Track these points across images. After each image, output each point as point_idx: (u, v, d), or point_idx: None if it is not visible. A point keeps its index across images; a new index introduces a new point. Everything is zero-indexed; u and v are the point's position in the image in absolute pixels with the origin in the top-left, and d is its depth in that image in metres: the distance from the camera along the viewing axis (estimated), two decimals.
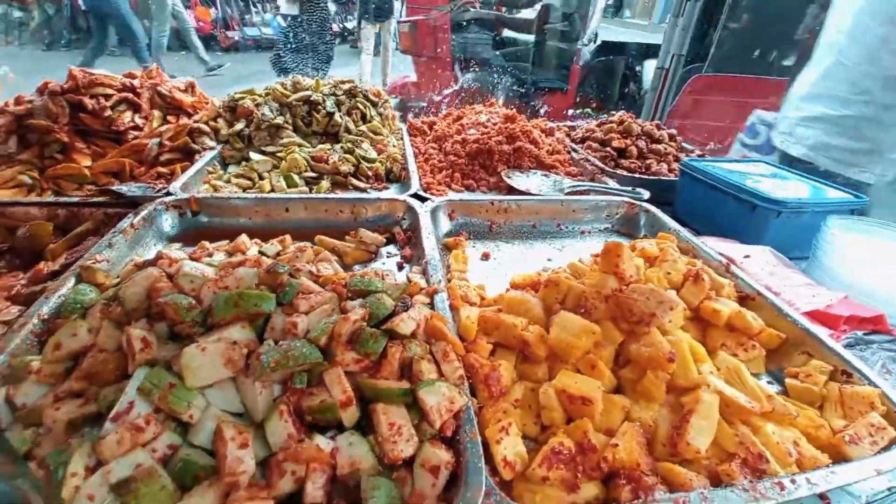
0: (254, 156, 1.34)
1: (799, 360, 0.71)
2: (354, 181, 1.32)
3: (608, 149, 1.49)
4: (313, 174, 1.32)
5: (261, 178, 1.27)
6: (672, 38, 1.81)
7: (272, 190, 1.21)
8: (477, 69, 4.35)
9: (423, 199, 1.11)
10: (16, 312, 0.72)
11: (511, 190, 1.30)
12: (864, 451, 0.55)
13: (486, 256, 1.03)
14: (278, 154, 1.36)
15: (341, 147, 1.41)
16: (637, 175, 1.34)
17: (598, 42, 3.98)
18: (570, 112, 2.08)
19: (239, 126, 1.42)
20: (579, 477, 0.50)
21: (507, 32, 5.06)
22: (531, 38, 4.76)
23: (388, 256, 0.99)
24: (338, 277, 0.70)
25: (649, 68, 3.18)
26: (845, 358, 0.66)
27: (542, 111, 2.02)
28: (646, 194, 1.18)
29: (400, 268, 0.94)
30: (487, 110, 1.66)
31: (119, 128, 1.31)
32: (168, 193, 1.04)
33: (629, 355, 0.62)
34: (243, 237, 0.91)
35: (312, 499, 0.46)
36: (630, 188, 1.23)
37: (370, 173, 1.35)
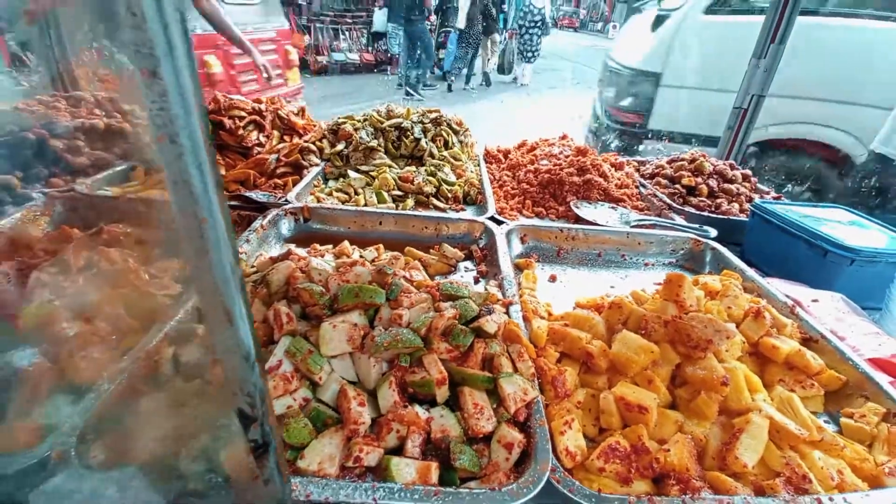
0: (351, 173, 1.54)
1: (857, 402, 0.73)
2: (435, 201, 1.47)
3: (677, 186, 1.54)
4: (400, 192, 1.49)
5: (356, 192, 1.46)
6: (752, 79, 1.82)
7: (366, 204, 1.40)
8: None
9: (498, 222, 1.23)
10: (178, 288, 0.92)
11: (579, 219, 1.39)
12: None
13: (553, 279, 1.12)
14: (371, 173, 1.55)
15: (425, 170, 1.57)
16: (705, 213, 1.38)
17: None
18: (640, 147, 2.12)
19: (339, 147, 1.64)
20: (632, 472, 0.59)
21: None
22: None
23: (465, 270, 1.11)
24: (427, 283, 0.83)
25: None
26: None
27: (612, 145, 2.08)
28: (713, 232, 1.22)
29: (476, 281, 1.06)
30: (560, 143, 1.76)
31: (247, 144, 1.57)
32: (286, 202, 1.24)
33: (684, 376, 0.70)
34: (346, 243, 1.08)
35: (411, 453, 0.58)
36: (697, 226, 1.28)
37: (450, 195, 1.50)
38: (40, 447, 0.56)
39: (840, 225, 1.13)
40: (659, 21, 3.19)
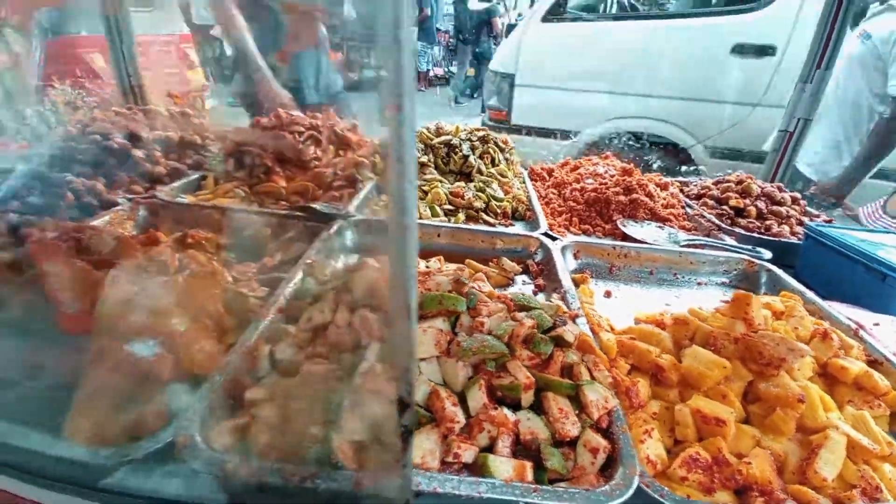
0: None
1: None
2: (485, 216, 1.52)
3: (725, 207, 1.56)
4: (451, 207, 1.55)
5: None
6: (798, 103, 1.84)
7: (420, 217, 1.46)
8: None
9: (551, 238, 1.27)
10: (264, 292, 0.99)
11: (625, 237, 1.42)
12: None
13: (608, 294, 1.15)
14: (423, 187, 1.62)
15: (474, 186, 1.63)
16: (756, 235, 1.39)
17: None
18: (683, 168, 2.15)
19: None
20: (715, 483, 0.61)
21: None
22: None
23: (523, 283, 1.16)
24: (498, 294, 0.88)
25: None
26: None
27: (654, 166, 2.11)
28: (767, 254, 1.24)
29: (535, 294, 1.10)
30: (604, 162, 1.80)
31: (306, 158, 1.66)
32: (349, 214, 1.31)
33: (758, 393, 0.72)
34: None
35: (502, 452, 0.62)
36: (749, 247, 1.29)
37: (499, 211, 1.55)
38: (165, 432, 0.62)
39: None
40: (510, 29, 3.78)
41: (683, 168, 2.18)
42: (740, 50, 3.03)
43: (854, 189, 2.17)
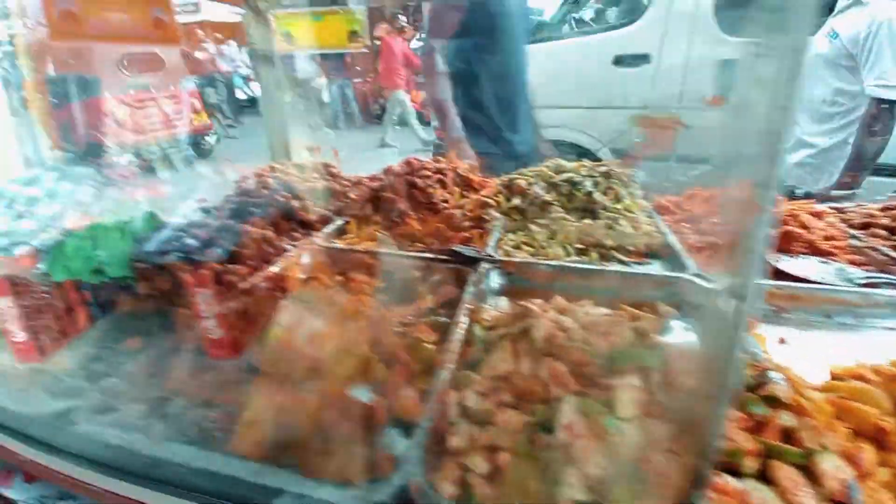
0: (532, 227, 1.64)
1: None
2: (618, 255, 1.50)
3: None
4: (580, 246, 1.55)
5: (541, 246, 1.55)
6: None
7: (552, 258, 1.47)
8: None
9: (703, 278, 1.22)
10: (435, 336, 1.06)
11: (779, 274, 1.31)
12: None
13: (782, 341, 1.07)
14: (551, 226, 1.64)
15: (603, 223, 1.62)
16: None
17: None
18: (833, 192, 1.96)
19: (515, 201, 1.76)
20: None
21: None
22: None
23: (677, 328, 1.11)
24: None
25: None
26: None
27: (797, 191, 1.95)
28: None
29: None
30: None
31: (434, 201, 1.77)
32: (490, 256, 1.37)
33: None
34: (560, 299, 1.15)
35: None
36: None
37: (632, 249, 1.52)
38: (394, 477, 0.68)
39: None
40: None
41: (834, 192, 1.98)
42: (620, 61, 3.74)
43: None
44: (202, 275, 1.26)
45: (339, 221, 1.71)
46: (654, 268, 1.43)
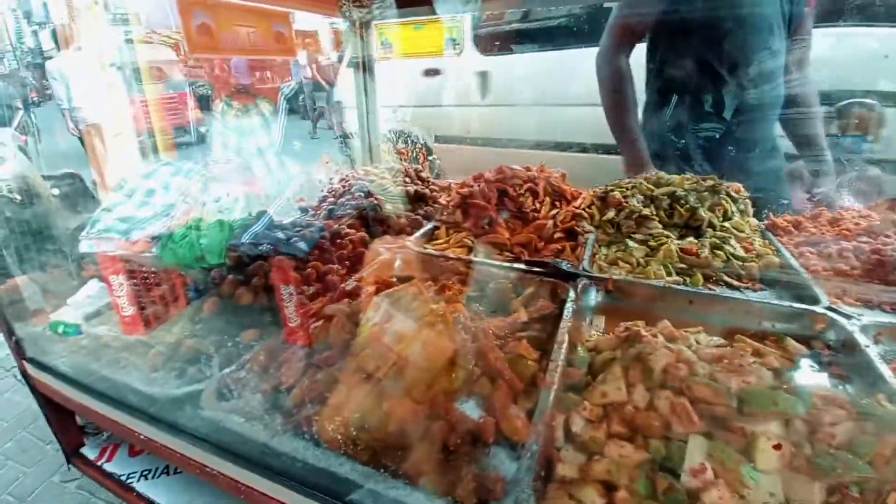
0: (630, 242, 1.56)
1: None
2: (727, 278, 1.38)
3: None
4: (682, 265, 1.44)
5: (638, 263, 1.47)
6: None
7: (650, 277, 1.39)
8: None
9: (842, 315, 1.08)
10: (537, 354, 1.04)
11: None
12: None
13: None
14: (649, 243, 1.55)
15: (710, 242, 1.50)
16: None
17: None
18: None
19: (610, 214, 1.69)
20: None
21: None
22: None
23: (809, 368, 1.00)
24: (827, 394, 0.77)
25: None
26: None
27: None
28: None
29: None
30: (881, 216, 1.49)
31: (525, 210, 1.74)
32: (587, 271, 1.32)
33: None
34: (669, 325, 1.08)
35: None
36: None
37: (743, 273, 1.39)
38: (506, 500, 0.67)
39: None
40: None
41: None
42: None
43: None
44: (305, 273, 1.34)
45: (428, 226, 1.74)
46: (769, 296, 1.30)
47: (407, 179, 1.95)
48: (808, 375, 0.97)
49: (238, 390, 0.98)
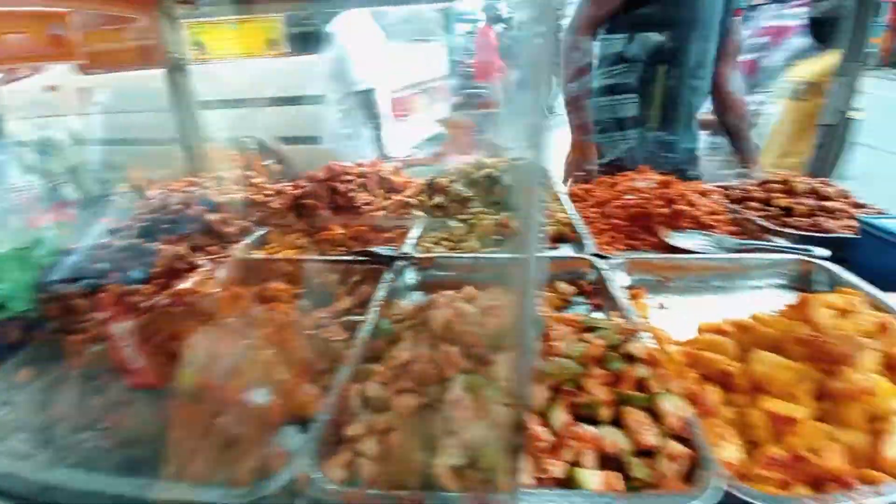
0: (451, 223, 1.71)
1: None
2: None
3: (772, 208, 1.56)
4: (499, 237, 1.63)
5: (460, 241, 1.62)
6: (837, 96, 1.84)
7: (471, 251, 1.54)
8: None
9: (600, 257, 1.33)
10: (344, 335, 1.09)
11: (671, 248, 1.45)
12: None
13: (661, 306, 1.19)
14: (470, 221, 1.71)
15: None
16: (808, 233, 1.39)
17: None
18: (725, 171, 2.17)
19: (438, 199, 1.83)
20: (791, 479, 0.64)
21: None
22: None
23: (577, 305, 1.21)
24: (563, 317, 0.95)
25: None
26: None
27: (689, 173, 2.13)
28: (824, 252, 1.24)
29: (590, 313, 1.16)
30: (642, 176, 1.85)
31: (357, 204, 1.80)
32: (406, 254, 1.42)
33: (826, 391, 0.74)
34: (470, 288, 1.22)
35: (588, 466, 0.67)
36: (802, 246, 1.30)
37: (544, 236, 1.61)
38: (285, 471, 0.71)
39: None
40: None
41: (726, 171, 2.19)
42: None
43: None
44: (102, 299, 1.23)
45: (260, 232, 1.70)
46: (564, 251, 1.53)
47: (235, 186, 1.88)
48: (573, 309, 1.18)
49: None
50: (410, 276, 1.37)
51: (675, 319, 1.14)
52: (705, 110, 2.29)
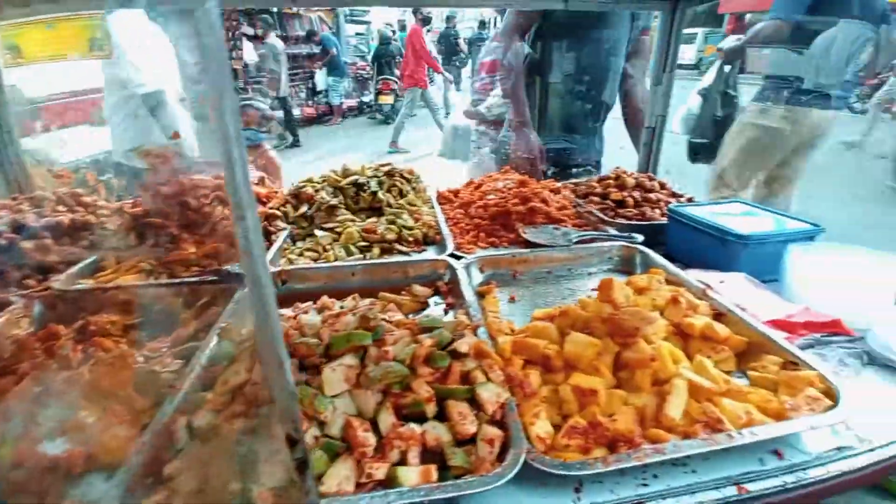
0: (317, 232, 1.66)
1: (761, 359, 0.92)
2: (399, 247, 1.61)
3: (608, 201, 1.76)
4: (365, 243, 1.62)
5: (325, 249, 1.58)
6: (654, 103, 2.12)
7: (336, 259, 1.52)
8: None
9: (457, 257, 1.38)
10: (179, 364, 1.00)
11: (528, 243, 1.57)
12: (803, 415, 0.75)
13: (512, 299, 1.28)
14: (336, 229, 1.68)
15: (385, 219, 1.72)
16: (634, 222, 1.59)
17: None
18: (576, 171, 2.41)
19: (303, 209, 1.77)
20: (590, 443, 0.73)
21: None
22: None
23: (435, 304, 1.25)
24: (405, 321, 0.96)
25: None
26: (791, 351, 0.87)
27: (549, 172, 2.33)
28: (639, 238, 1.43)
29: (445, 312, 1.20)
30: (504, 177, 1.97)
31: (214, 219, 1.66)
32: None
33: (623, 360, 0.85)
34: (325, 298, 1.19)
35: (412, 462, 0.69)
36: (627, 234, 1.48)
37: (411, 239, 1.64)
38: None
39: (735, 217, 1.37)
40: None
41: (575, 170, 2.44)
42: None
43: None
44: None
45: (91, 258, 1.50)
46: (428, 253, 1.57)
47: (61, 208, 1.64)
48: (429, 311, 1.22)
49: None
50: None
51: (522, 310, 1.23)
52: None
